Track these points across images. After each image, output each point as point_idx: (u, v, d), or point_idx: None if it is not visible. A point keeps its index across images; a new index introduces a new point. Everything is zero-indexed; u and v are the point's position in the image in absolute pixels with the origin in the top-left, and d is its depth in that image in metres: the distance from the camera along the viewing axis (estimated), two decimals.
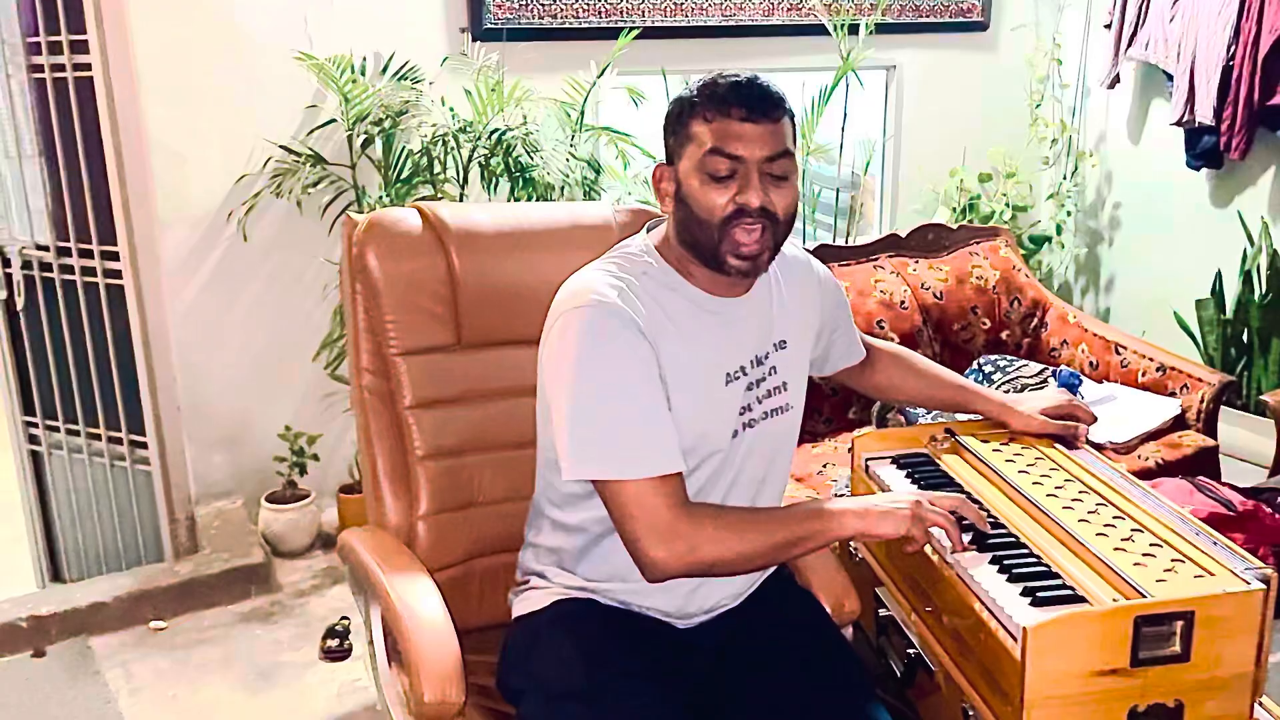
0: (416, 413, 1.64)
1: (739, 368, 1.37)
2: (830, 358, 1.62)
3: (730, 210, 1.27)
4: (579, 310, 1.28)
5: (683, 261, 1.35)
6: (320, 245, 2.88)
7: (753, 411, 1.39)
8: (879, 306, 2.72)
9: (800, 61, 3.48)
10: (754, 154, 1.27)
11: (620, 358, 1.27)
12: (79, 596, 2.60)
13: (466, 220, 1.69)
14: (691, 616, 1.43)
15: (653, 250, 1.37)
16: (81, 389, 2.93)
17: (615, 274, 1.33)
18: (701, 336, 1.34)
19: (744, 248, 1.28)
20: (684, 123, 1.30)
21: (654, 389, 1.28)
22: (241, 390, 2.96)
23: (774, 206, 1.28)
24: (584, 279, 1.34)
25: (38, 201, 2.85)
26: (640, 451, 1.26)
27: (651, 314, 1.30)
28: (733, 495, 1.40)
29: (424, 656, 1.32)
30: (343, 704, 2.30)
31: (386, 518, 1.64)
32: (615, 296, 1.28)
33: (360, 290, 1.64)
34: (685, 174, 1.30)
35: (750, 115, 1.26)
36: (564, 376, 1.29)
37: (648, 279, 1.34)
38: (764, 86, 1.29)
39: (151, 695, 2.34)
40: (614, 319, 1.27)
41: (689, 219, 1.30)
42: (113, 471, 2.97)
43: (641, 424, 1.27)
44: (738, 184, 1.27)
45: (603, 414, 1.27)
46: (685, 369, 1.32)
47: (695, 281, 1.35)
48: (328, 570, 2.84)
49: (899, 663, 1.50)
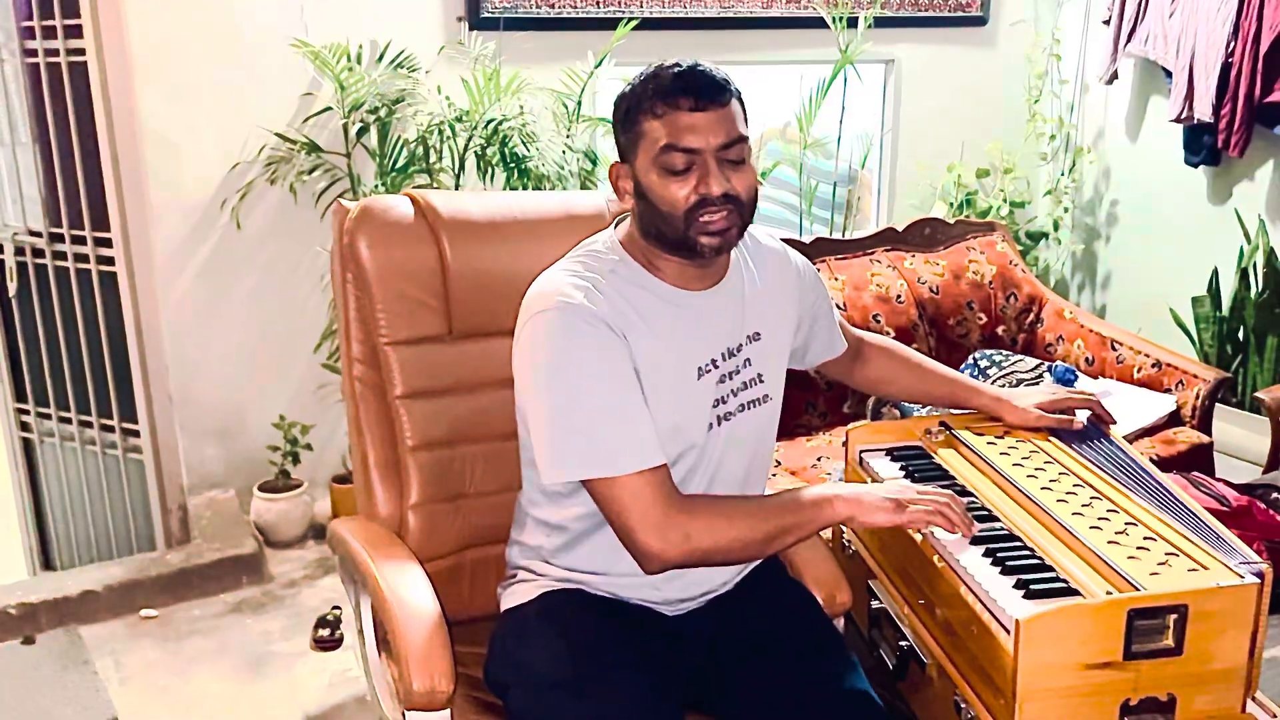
0: (407, 403, 1.63)
1: (710, 361, 1.37)
2: (811, 349, 1.61)
3: (694, 201, 1.27)
4: (546, 313, 1.29)
5: (649, 255, 1.35)
6: (315, 234, 2.86)
7: (727, 404, 1.39)
8: (875, 300, 2.72)
9: (798, 54, 3.47)
10: (709, 143, 1.26)
11: (591, 357, 1.27)
12: (70, 585, 2.59)
13: (459, 208, 1.67)
14: (680, 604, 1.43)
15: (618, 246, 1.37)
16: (74, 377, 2.92)
17: (580, 273, 1.33)
18: (671, 331, 1.34)
19: (712, 225, 1.28)
20: (634, 120, 1.29)
21: (629, 384, 1.28)
22: (235, 379, 2.95)
23: (736, 190, 1.28)
24: (549, 280, 1.34)
25: (31, 188, 2.84)
26: (623, 447, 1.26)
27: (619, 310, 1.30)
28: (714, 489, 1.40)
29: (413, 646, 1.31)
30: (334, 694, 2.30)
31: (377, 508, 1.63)
32: (582, 297, 1.29)
33: (351, 279, 1.63)
34: (643, 171, 1.29)
35: (698, 104, 1.26)
36: (537, 381, 1.29)
37: (614, 276, 1.33)
38: (707, 72, 1.28)
39: (141, 685, 2.33)
40: (581, 319, 1.27)
41: (652, 213, 1.30)
42: (105, 460, 2.97)
43: (620, 420, 1.27)
44: (697, 175, 1.27)
45: (580, 414, 1.27)
46: (656, 364, 1.32)
47: (662, 275, 1.35)
48: (320, 560, 2.83)
49: (891, 655, 1.50)
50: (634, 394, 1.28)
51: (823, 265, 2.72)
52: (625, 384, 1.28)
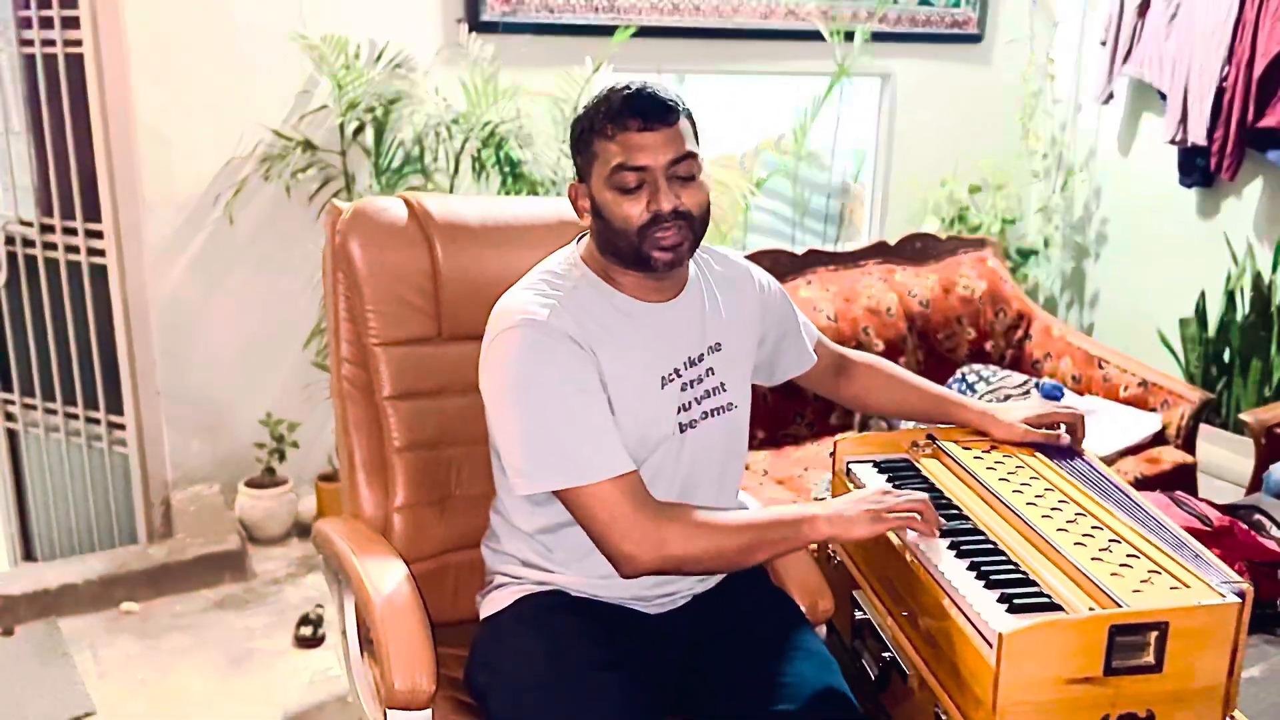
0: (395, 403, 1.63)
1: (673, 370, 1.40)
2: (778, 365, 1.63)
3: (646, 219, 1.31)
4: (510, 331, 1.32)
5: (608, 270, 1.39)
6: (307, 232, 2.86)
7: (691, 411, 1.41)
8: (865, 313, 2.73)
9: (795, 66, 3.49)
10: (657, 161, 1.30)
11: (557, 371, 1.30)
12: (50, 576, 2.57)
13: (452, 212, 1.68)
14: (660, 602, 1.44)
15: (579, 263, 1.40)
16: (61, 368, 2.91)
17: (544, 290, 1.36)
18: (634, 342, 1.37)
19: (664, 241, 1.32)
20: (587, 141, 1.33)
21: (595, 396, 1.31)
22: (222, 375, 2.94)
23: (686, 206, 1.32)
24: (514, 298, 1.37)
25: (23, 177, 2.83)
26: (593, 456, 1.29)
27: (583, 325, 1.33)
28: (685, 496, 1.41)
29: (396, 644, 1.31)
30: (314, 693, 2.29)
31: (363, 508, 1.63)
32: (546, 314, 1.32)
33: (342, 279, 1.63)
34: (597, 190, 1.33)
35: (647, 124, 1.29)
36: (506, 396, 1.32)
37: (576, 291, 1.37)
38: (655, 94, 1.31)
39: (120, 678, 2.32)
40: (546, 334, 1.31)
41: (608, 230, 1.34)
42: (89, 452, 2.95)
43: (589, 430, 1.30)
44: (648, 193, 1.31)
45: (549, 426, 1.30)
46: (621, 375, 1.35)
47: (622, 289, 1.39)
48: (303, 559, 2.82)
49: (873, 666, 1.50)
50: (600, 405, 1.31)
51: (814, 276, 2.74)
52: (591, 396, 1.31)
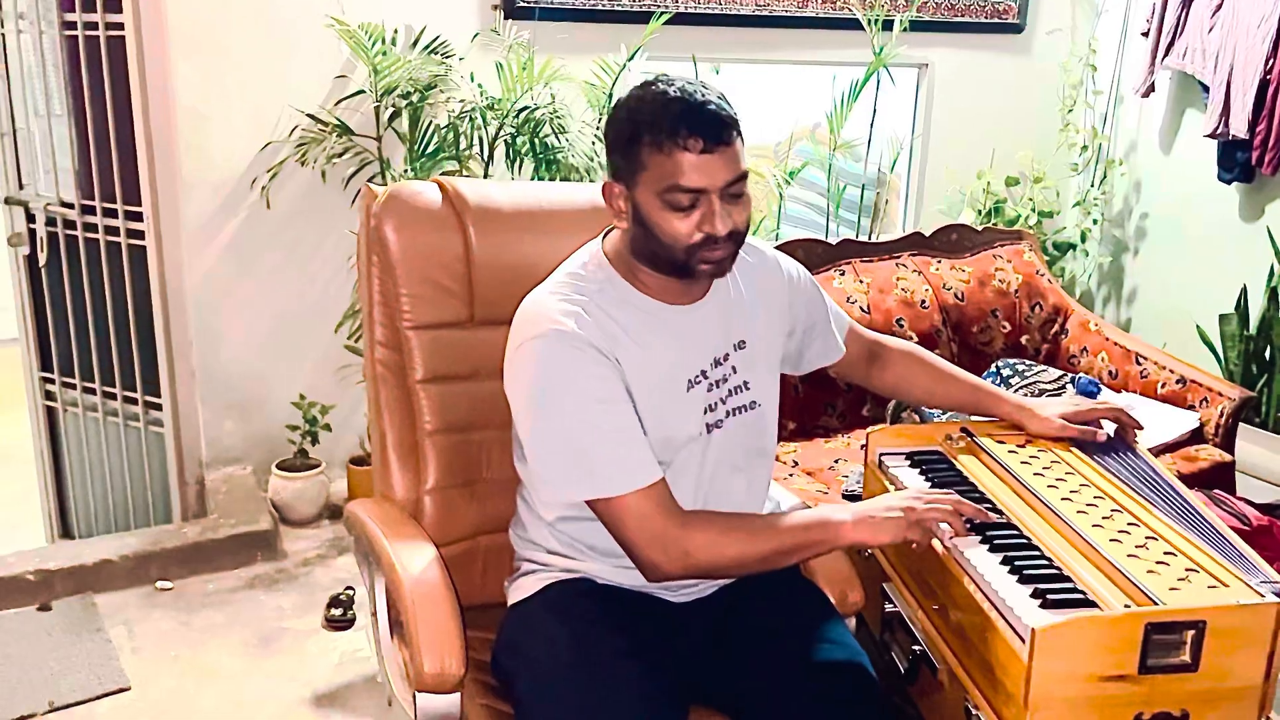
0: (427, 387, 1.63)
1: (699, 371, 1.39)
2: (806, 355, 1.61)
3: (697, 239, 1.28)
4: (537, 340, 1.31)
5: (636, 273, 1.37)
6: (342, 216, 2.87)
7: (716, 411, 1.41)
8: (899, 304, 2.70)
9: (831, 55, 3.45)
10: (715, 183, 1.26)
11: (583, 382, 1.29)
12: (87, 553, 2.61)
13: (486, 197, 1.68)
14: (686, 591, 1.44)
15: (605, 263, 1.38)
16: (99, 348, 2.95)
17: (570, 296, 1.35)
18: (659, 346, 1.36)
19: (713, 257, 1.31)
20: (635, 148, 1.27)
21: (621, 405, 1.31)
22: (257, 357, 2.97)
23: (737, 226, 1.30)
24: (539, 303, 1.36)
25: (64, 160, 2.87)
26: (620, 468, 1.29)
27: (609, 332, 1.32)
28: (714, 495, 1.41)
29: (425, 627, 1.32)
30: (343, 673, 2.31)
31: (394, 490, 1.64)
32: (572, 324, 1.30)
33: (377, 262, 1.63)
34: (644, 200, 1.29)
35: (707, 146, 1.24)
36: (531, 408, 1.32)
37: (602, 295, 1.35)
38: (716, 112, 1.25)
39: (153, 654, 2.35)
40: (572, 344, 1.30)
41: (650, 241, 1.31)
42: (126, 431, 2.99)
43: (616, 442, 1.29)
44: (701, 212, 1.27)
45: (576, 438, 1.30)
46: (647, 380, 1.34)
47: (649, 291, 1.37)
48: (334, 541, 2.85)
49: (903, 659, 1.49)
50: (627, 414, 1.31)
51: (848, 267, 2.71)
52: (618, 405, 1.31)
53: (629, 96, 1.30)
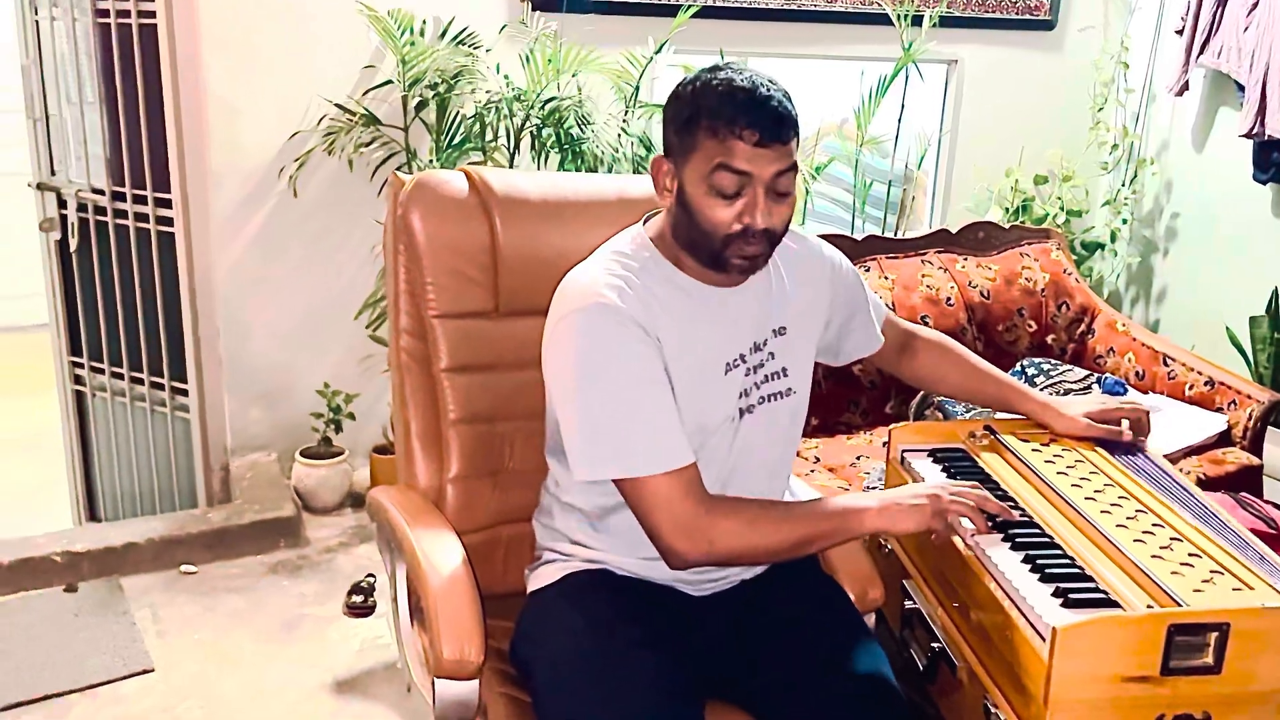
0: (451, 376, 1.64)
1: (738, 355, 1.39)
2: (844, 346, 1.61)
3: (735, 230, 1.28)
4: (579, 313, 1.30)
5: (678, 254, 1.37)
6: (368, 206, 2.89)
7: (750, 396, 1.40)
8: (924, 302, 2.69)
9: (859, 50, 3.44)
10: (763, 172, 1.26)
11: (623, 358, 1.29)
12: (113, 536, 2.64)
13: (512, 187, 1.68)
14: (706, 584, 1.44)
15: (648, 243, 1.38)
16: (128, 334, 2.98)
17: (613, 271, 1.34)
18: (700, 327, 1.35)
19: (746, 252, 1.30)
20: (692, 128, 1.27)
21: (660, 386, 1.30)
22: (283, 345, 2.99)
23: (776, 224, 1.29)
24: (581, 278, 1.35)
25: (96, 147, 2.90)
26: (652, 448, 1.28)
27: (651, 310, 1.32)
28: (736, 480, 1.41)
29: (446, 614, 1.33)
30: (363, 660, 2.33)
31: (417, 478, 1.64)
32: (615, 297, 1.30)
33: (403, 250, 1.64)
34: (689, 181, 1.29)
35: (763, 140, 1.25)
36: (570, 381, 1.31)
37: (645, 274, 1.35)
38: (778, 109, 1.26)
39: (177, 637, 2.38)
40: (615, 320, 1.29)
41: (690, 225, 1.31)
42: (153, 417, 3.02)
43: (651, 421, 1.29)
44: (744, 201, 1.27)
45: (612, 415, 1.29)
46: (685, 360, 1.33)
47: (691, 273, 1.37)
48: (356, 529, 2.87)
49: (922, 656, 1.49)
50: (664, 394, 1.30)
51: (873, 263, 2.70)
52: (656, 384, 1.30)
53: (696, 76, 1.30)
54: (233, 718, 2.13)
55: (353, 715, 2.15)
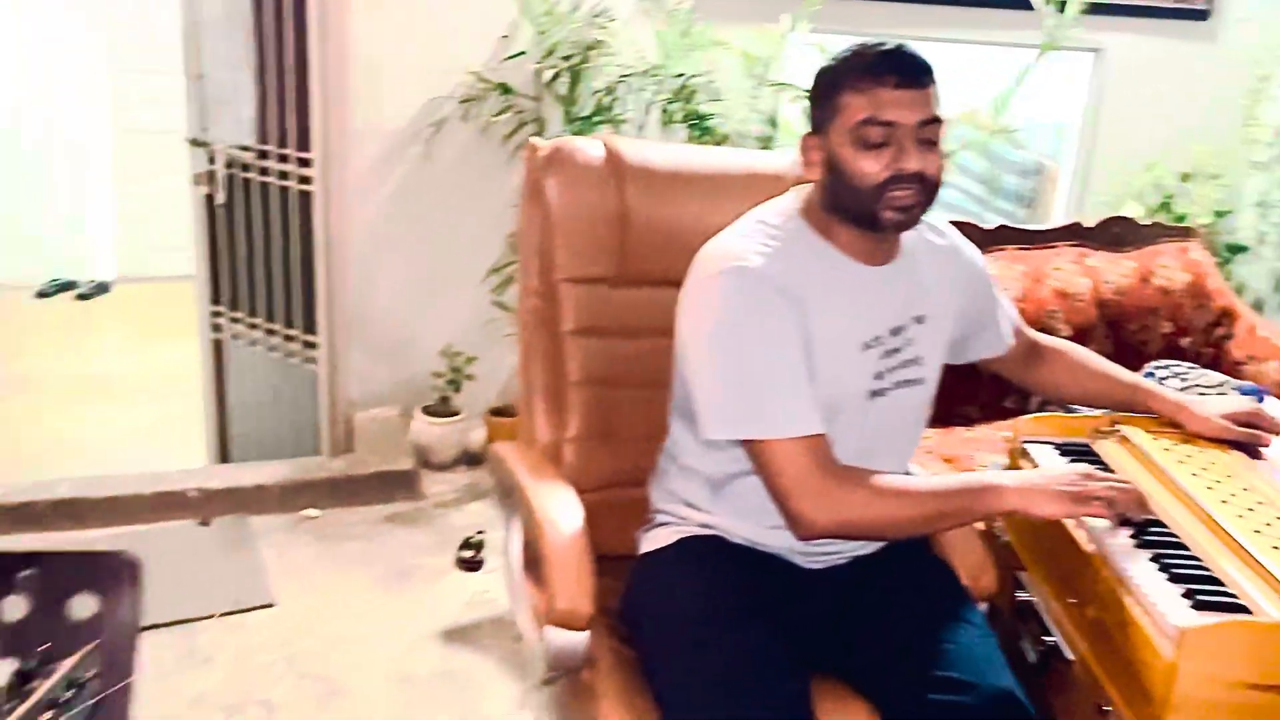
0: (575, 339, 1.68)
1: (875, 336, 1.38)
2: (971, 345, 1.59)
3: (885, 177, 1.28)
4: (722, 275, 1.32)
5: (827, 226, 1.37)
6: (498, 174, 2.96)
7: (883, 380, 1.39)
8: (1053, 295, 2.61)
9: (1000, 36, 3.34)
10: (908, 119, 1.28)
11: (763, 321, 1.30)
12: (244, 477, 2.79)
13: (645, 157, 1.70)
14: (820, 558, 1.44)
15: (796, 215, 1.39)
16: (265, 286, 3.12)
17: (759, 238, 1.35)
18: (843, 302, 1.35)
19: (899, 201, 1.30)
20: (833, 93, 1.31)
21: (796, 353, 1.31)
22: (409, 304, 3.09)
23: (928, 170, 1.30)
24: (726, 242, 1.37)
25: (246, 107, 3.03)
26: (785, 411, 1.29)
27: (794, 277, 1.32)
28: (861, 462, 1.39)
29: (560, 564, 1.36)
30: (470, 612, 2.40)
31: (537, 436, 1.69)
32: (759, 261, 1.31)
33: (536, 214, 1.68)
34: (836, 143, 1.31)
35: (903, 82, 1.27)
36: (706, 340, 1.33)
37: (791, 243, 1.35)
38: (914, 55, 1.30)
39: (298, 576, 2.50)
40: (757, 284, 1.30)
41: (840, 186, 1.32)
42: (284, 367, 3.16)
43: (786, 385, 1.29)
44: (892, 151, 1.28)
45: (747, 376, 1.30)
46: (823, 333, 1.33)
47: (839, 247, 1.37)
48: (469, 486, 2.96)
49: (1033, 649, 1.46)
50: (799, 362, 1.31)
51: (1002, 254, 2.64)
52: (793, 351, 1.30)
53: (835, 54, 1.34)
54: (346, 655, 2.22)
55: (459, 664, 2.22)
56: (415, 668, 2.20)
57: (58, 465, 3.06)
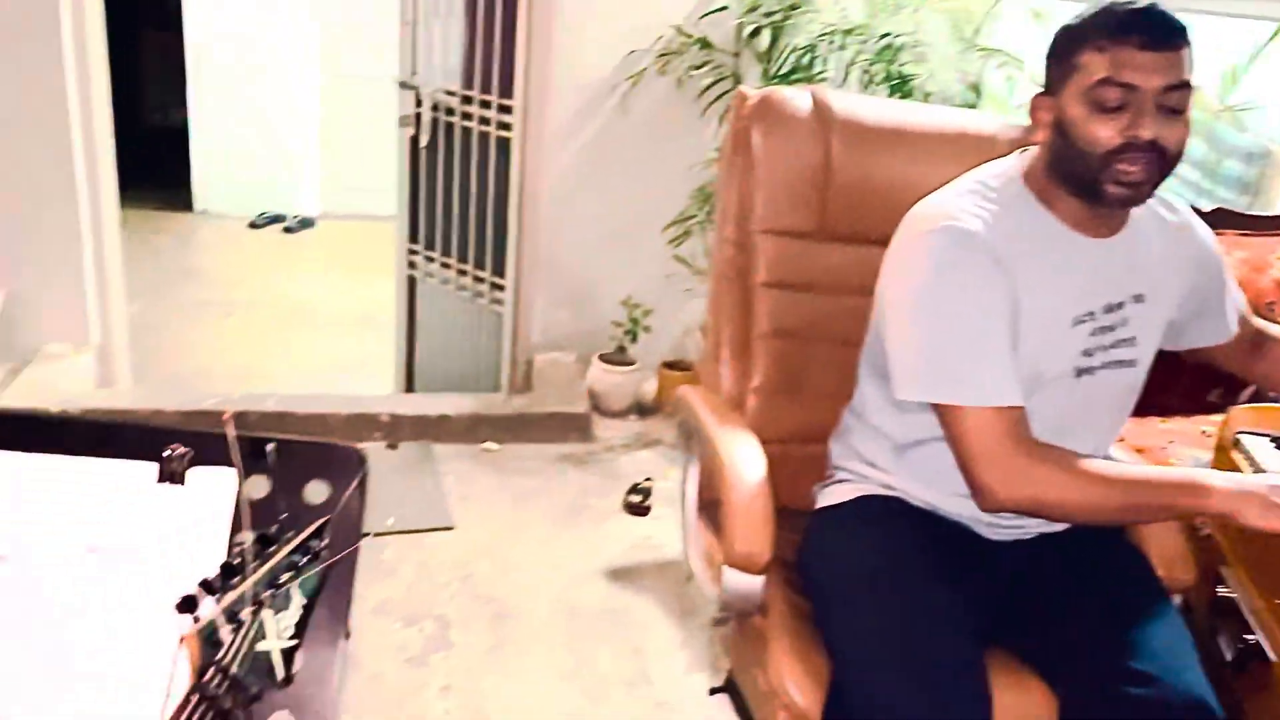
0: (767, 290, 1.68)
1: (1088, 311, 1.32)
2: (1188, 331, 1.49)
3: (1117, 144, 1.20)
4: (934, 233, 1.27)
5: (1049, 194, 1.31)
6: (690, 129, 2.98)
7: (1093, 358, 1.33)
8: (1274, 285, 2.43)
9: (1236, 7, 3.10)
10: (1150, 83, 1.19)
11: (971, 285, 1.25)
12: (430, 406, 2.94)
13: (854, 111, 1.68)
14: (1005, 530, 1.40)
15: (1018, 178, 1.33)
16: (460, 227, 3.25)
17: (976, 199, 1.30)
18: (1057, 274, 1.30)
19: (1127, 175, 1.22)
20: (1072, 51, 1.23)
21: (1001, 320, 1.26)
22: (593, 253, 3.16)
23: (1165, 141, 1.20)
24: (941, 201, 1.32)
25: (454, 54, 3.16)
26: (984, 379, 1.25)
27: (1009, 245, 1.27)
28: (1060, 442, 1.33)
29: (742, 507, 1.38)
30: (635, 554, 2.47)
31: (721, 383, 1.71)
32: (974, 223, 1.26)
33: (738, 163, 1.69)
34: (1069, 104, 1.23)
35: (1150, 43, 1.18)
36: (910, 298, 1.30)
37: (1009, 208, 1.30)
38: (1164, 14, 1.21)
39: (476, 503, 2.62)
40: (969, 246, 1.25)
41: (1067, 151, 1.25)
42: (471, 307, 3.30)
43: (987, 352, 1.25)
44: (1128, 116, 1.20)
45: (948, 338, 1.26)
46: (1034, 303, 1.28)
47: (1060, 216, 1.31)
48: (639, 435, 3.02)
49: (1230, 647, 1.39)
50: (1005, 331, 1.26)
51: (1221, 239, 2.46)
52: (998, 318, 1.26)
53: (1082, 11, 1.27)
54: (517, 582, 2.32)
55: (622, 602, 2.29)
56: (581, 601, 2.28)
57: (266, 381, 3.32)
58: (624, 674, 2.06)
